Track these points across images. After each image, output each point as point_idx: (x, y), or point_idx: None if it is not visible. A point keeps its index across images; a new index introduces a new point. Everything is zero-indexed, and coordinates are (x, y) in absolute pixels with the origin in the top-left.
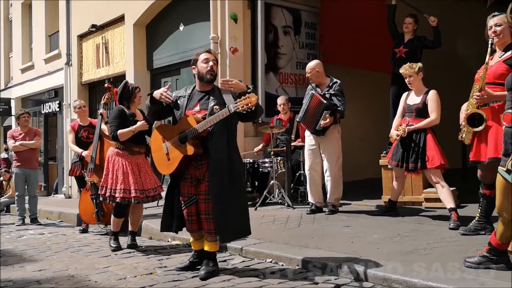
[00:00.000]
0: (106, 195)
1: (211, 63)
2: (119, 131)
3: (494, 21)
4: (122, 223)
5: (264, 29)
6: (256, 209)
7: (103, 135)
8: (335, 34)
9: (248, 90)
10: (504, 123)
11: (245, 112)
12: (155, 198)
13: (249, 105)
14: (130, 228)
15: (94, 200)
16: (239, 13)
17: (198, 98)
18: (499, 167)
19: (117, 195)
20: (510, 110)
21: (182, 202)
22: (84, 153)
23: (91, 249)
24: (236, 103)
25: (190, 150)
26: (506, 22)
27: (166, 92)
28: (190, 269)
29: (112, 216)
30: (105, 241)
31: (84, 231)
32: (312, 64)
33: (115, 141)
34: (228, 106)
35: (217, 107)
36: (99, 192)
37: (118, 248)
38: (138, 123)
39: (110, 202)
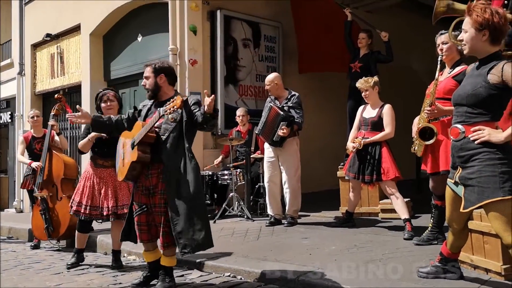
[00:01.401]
0: (70, 205)
1: (144, 81)
2: (79, 143)
3: (440, 39)
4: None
5: (224, 41)
6: (215, 221)
7: (52, 147)
8: (309, 44)
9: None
10: (451, 136)
11: (172, 113)
12: (108, 218)
13: (175, 107)
14: (112, 247)
15: (43, 216)
16: (198, 25)
17: (158, 107)
18: (448, 179)
19: (73, 207)
20: (456, 125)
21: (133, 210)
22: (34, 164)
23: (43, 266)
24: (164, 106)
25: (134, 156)
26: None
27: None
28: (145, 285)
29: (76, 230)
30: (58, 257)
31: (36, 247)
32: (271, 76)
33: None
34: (158, 110)
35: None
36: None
37: (73, 265)
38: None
39: (71, 213)
